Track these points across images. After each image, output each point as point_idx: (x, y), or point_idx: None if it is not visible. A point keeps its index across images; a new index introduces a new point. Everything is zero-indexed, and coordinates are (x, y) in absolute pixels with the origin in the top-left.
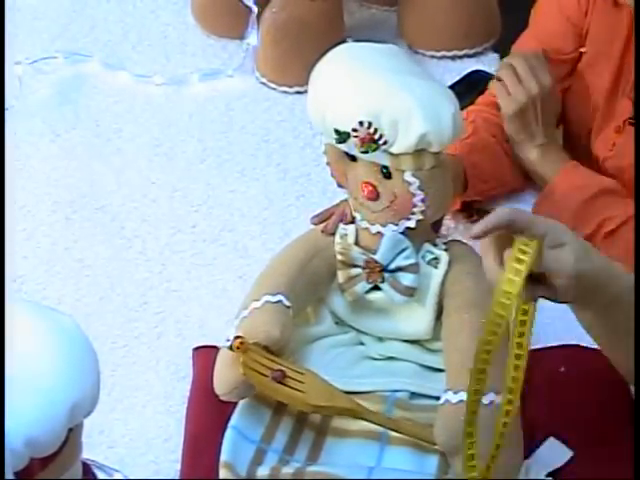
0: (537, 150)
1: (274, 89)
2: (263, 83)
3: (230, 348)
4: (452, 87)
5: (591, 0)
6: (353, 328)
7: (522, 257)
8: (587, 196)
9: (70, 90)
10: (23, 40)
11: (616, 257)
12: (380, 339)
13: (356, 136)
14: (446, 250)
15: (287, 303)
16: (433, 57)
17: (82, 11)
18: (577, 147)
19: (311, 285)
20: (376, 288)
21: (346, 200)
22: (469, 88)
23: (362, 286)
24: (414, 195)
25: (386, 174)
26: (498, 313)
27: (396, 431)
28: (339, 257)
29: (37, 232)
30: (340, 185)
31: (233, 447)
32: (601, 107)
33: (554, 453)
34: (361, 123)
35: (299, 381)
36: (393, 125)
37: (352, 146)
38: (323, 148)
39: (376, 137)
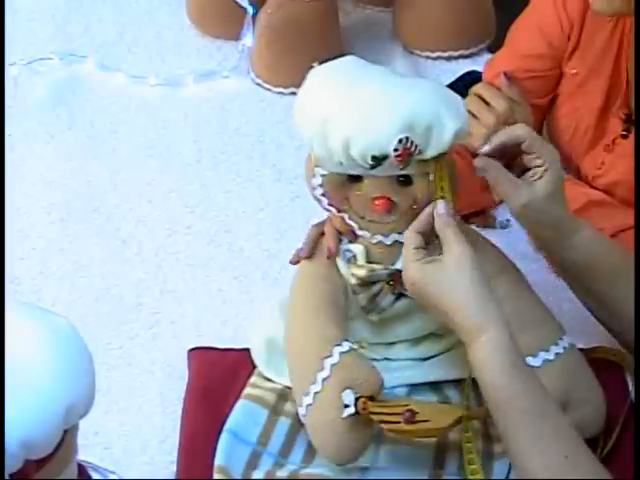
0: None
1: (269, 90)
2: (258, 84)
3: (356, 414)
4: (448, 88)
5: (575, 24)
6: (371, 344)
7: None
8: (576, 208)
9: (65, 91)
10: (18, 41)
11: None
12: (391, 344)
13: (397, 155)
14: None
15: (354, 346)
16: (428, 58)
17: (77, 12)
18: (567, 168)
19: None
20: (399, 296)
21: (320, 224)
22: (464, 89)
23: (388, 300)
24: None
25: (404, 182)
26: None
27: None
28: (356, 281)
29: (32, 233)
30: (340, 210)
31: (228, 451)
32: (591, 126)
33: None
34: (400, 141)
35: (416, 413)
36: (427, 132)
37: (385, 167)
38: (317, 181)
39: (412, 150)
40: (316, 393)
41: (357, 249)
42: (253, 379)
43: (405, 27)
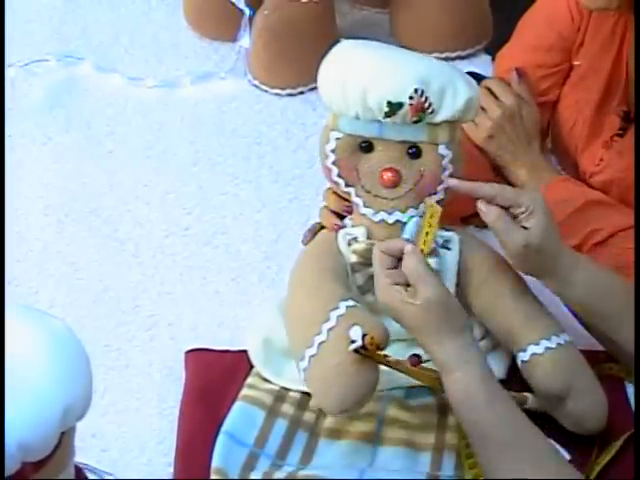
0: (523, 169)
1: (266, 91)
2: (255, 85)
3: (362, 348)
4: None
5: (585, 16)
6: None
7: (431, 221)
8: (574, 208)
9: (62, 93)
10: (15, 43)
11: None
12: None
13: (412, 104)
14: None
15: (359, 305)
16: None
17: (74, 14)
18: (566, 162)
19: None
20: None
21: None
22: None
23: None
24: (444, 170)
25: (413, 154)
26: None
27: None
28: (355, 259)
29: (29, 235)
30: (348, 185)
31: (225, 452)
32: (589, 121)
33: None
34: (416, 90)
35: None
36: (441, 92)
37: (398, 121)
38: (332, 146)
39: (426, 106)
40: (321, 343)
41: (359, 231)
42: (250, 380)
43: (402, 28)
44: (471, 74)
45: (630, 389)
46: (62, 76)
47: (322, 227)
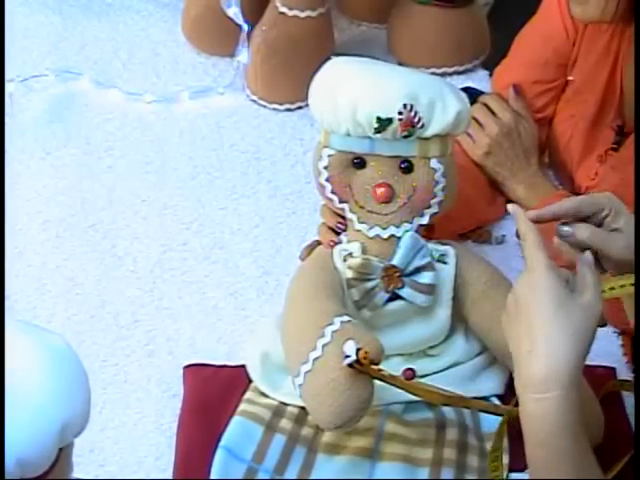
0: (521, 185)
1: (264, 106)
2: (253, 100)
3: (357, 362)
4: None
5: (579, 31)
6: None
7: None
8: None
9: (61, 108)
10: (14, 58)
11: None
12: (385, 358)
13: (401, 119)
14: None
15: (354, 321)
16: None
17: (73, 29)
18: (563, 176)
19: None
20: (393, 299)
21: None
22: None
23: (381, 297)
24: (437, 183)
25: (405, 168)
26: None
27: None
28: (351, 275)
29: (28, 250)
30: (342, 201)
31: (223, 468)
32: (584, 135)
33: None
34: (405, 106)
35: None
36: (430, 106)
37: (389, 137)
38: (324, 163)
39: (415, 120)
40: (316, 359)
41: (354, 247)
42: (248, 395)
43: (400, 43)
44: (468, 89)
45: (629, 402)
46: (61, 91)
47: (320, 243)
